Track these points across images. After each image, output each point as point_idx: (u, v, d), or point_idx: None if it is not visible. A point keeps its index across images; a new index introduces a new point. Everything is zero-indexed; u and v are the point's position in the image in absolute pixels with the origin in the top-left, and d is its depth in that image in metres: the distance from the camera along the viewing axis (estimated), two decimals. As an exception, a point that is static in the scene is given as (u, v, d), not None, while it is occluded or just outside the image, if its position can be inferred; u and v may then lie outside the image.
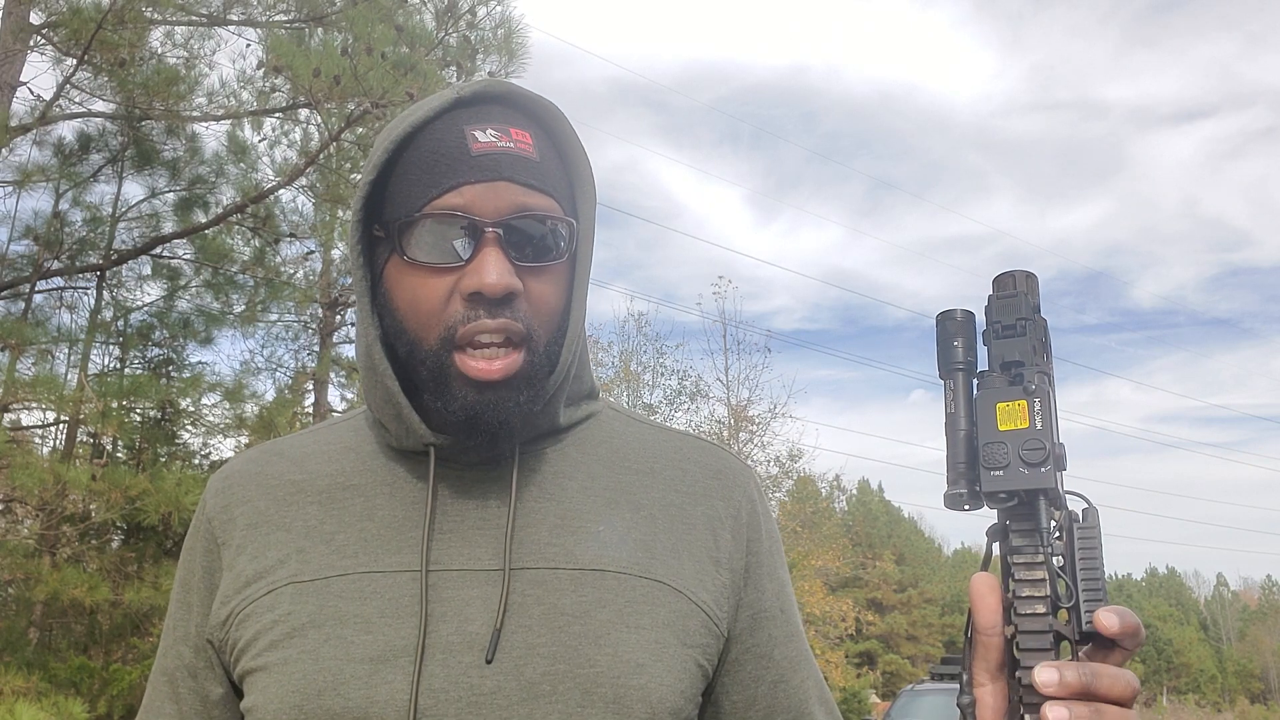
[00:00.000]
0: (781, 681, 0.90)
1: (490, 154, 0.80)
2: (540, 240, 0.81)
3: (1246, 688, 53.35)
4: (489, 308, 0.78)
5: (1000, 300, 0.71)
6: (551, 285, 0.83)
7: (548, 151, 0.84)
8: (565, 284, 0.85)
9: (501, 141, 0.81)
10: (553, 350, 0.84)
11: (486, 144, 0.80)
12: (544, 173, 0.82)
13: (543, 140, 0.84)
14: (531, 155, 0.82)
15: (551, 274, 0.83)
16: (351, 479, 0.88)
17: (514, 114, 0.84)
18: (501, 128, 0.82)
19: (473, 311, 0.79)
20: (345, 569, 0.81)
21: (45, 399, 6.05)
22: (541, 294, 0.82)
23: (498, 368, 0.78)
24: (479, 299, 0.78)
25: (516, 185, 0.80)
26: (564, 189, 0.85)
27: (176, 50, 7.09)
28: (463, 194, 0.79)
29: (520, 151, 0.81)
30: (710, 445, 0.95)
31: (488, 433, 0.80)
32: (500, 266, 0.78)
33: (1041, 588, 0.66)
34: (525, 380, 0.80)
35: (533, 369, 0.81)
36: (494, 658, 0.76)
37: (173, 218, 8.11)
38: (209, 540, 0.89)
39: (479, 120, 0.82)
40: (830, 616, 19.94)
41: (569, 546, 0.82)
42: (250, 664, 0.80)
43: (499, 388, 0.79)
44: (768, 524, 0.93)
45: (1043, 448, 0.66)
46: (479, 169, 0.80)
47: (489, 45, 6.61)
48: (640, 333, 18.95)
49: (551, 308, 0.83)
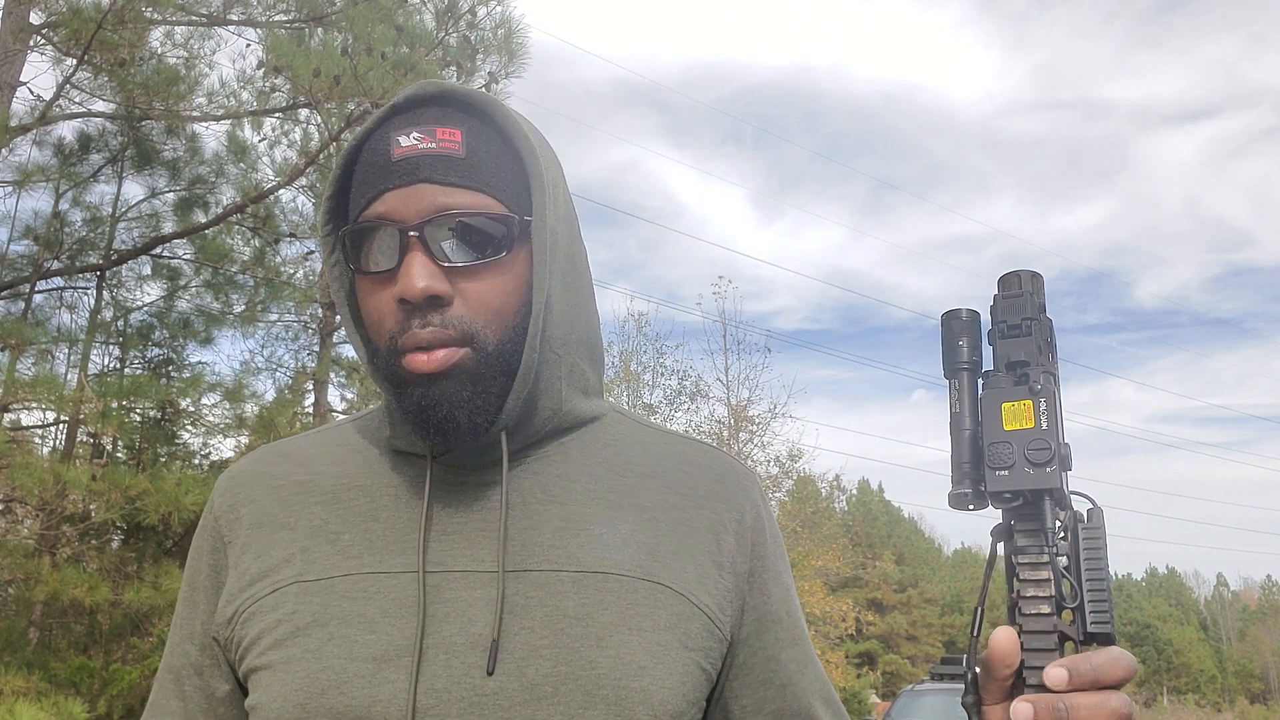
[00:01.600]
0: (789, 685, 0.90)
1: (409, 158, 0.80)
2: (469, 239, 0.80)
3: (1246, 688, 53.37)
4: (419, 314, 0.79)
5: (1005, 300, 0.71)
6: (494, 283, 0.81)
7: (487, 147, 0.82)
8: (515, 280, 0.83)
9: (423, 143, 0.80)
10: (509, 349, 0.82)
11: (407, 148, 0.80)
12: (472, 169, 0.81)
13: (482, 136, 0.82)
14: (457, 152, 0.80)
15: (490, 271, 0.81)
16: (357, 480, 0.88)
17: (448, 114, 0.82)
18: (428, 129, 0.81)
19: (407, 321, 0.79)
20: (349, 569, 0.81)
21: (45, 399, 6.05)
22: (481, 292, 0.80)
23: (437, 358, 0.78)
24: (407, 305, 0.79)
25: (437, 185, 0.79)
26: (507, 183, 0.83)
27: (176, 50, 7.10)
28: (385, 201, 0.80)
29: (444, 150, 0.80)
30: (714, 449, 0.95)
31: (437, 429, 0.80)
32: (421, 270, 0.77)
33: (1046, 588, 0.66)
34: (469, 376, 0.80)
35: (480, 366, 0.80)
36: (494, 661, 0.76)
37: (173, 218, 8.11)
38: (215, 539, 0.89)
39: (407, 125, 0.81)
40: (830, 616, 19.93)
41: (571, 549, 0.82)
42: (254, 662, 0.80)
43: (441, 382, 0.79)
44: (771, 528, 0.93)
45: (1048, 448, 0.66)
46: (398, 174, 0.80)
47: (489, 45, 6.61)
48: (640, 333, 18.96)
49: (494, 306, 0.81)
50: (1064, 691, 0.62)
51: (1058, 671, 0.62)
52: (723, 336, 19.72)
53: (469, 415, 0.80)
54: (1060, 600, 0.66)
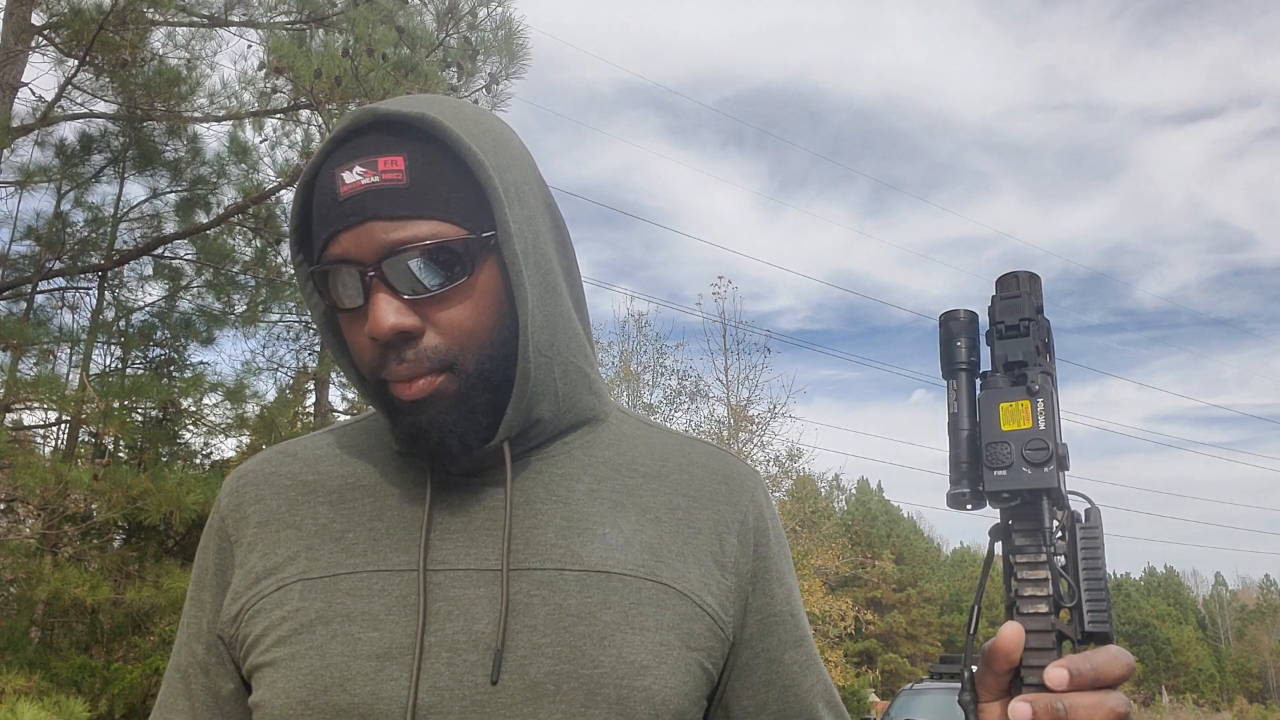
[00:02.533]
0: (792, 686, 0.90)
1: (354, 195, 0.78)
2: (429, 269, 0.79)
3: (1245, 687, 53.28)
4: (393, 350, 0.79)
5: (1003, 301, 0.72)
6: (461, 308, 0.80)
7: (433, 169, 0.80)
8: (487, 297, 0.81)
9: (366, 178, 0.78)
10: (489, 366, 0.82)
11: (351, 185, 0.78)
12: (418, 197, 0.78)
13: (427, 157, 0.80)
14: (400, 183, 0.78)
15: (458, 295, 0.80)
16: (362, 480, 0.88)
17: (387, 140, 0.79)
18: (369, 161, 0.78)
19: (383, 357, 0.80)
20: (353, 567, 0.82)
21: (47, 399, 6.05)
22: (450, 319, 0.80)
23: (418, 387, 0.79)
24: (379, 343, 0.79)
25: (385, 221, 0.77)
26: (460, 203, 0.80)
27: (178, 51, 7.09)
28: (340, 242, 0.79)
29: (387, 183, 0.78)
30: (718, 449, 0.95)
31: (431, 452, 0.82)
32: (386, 308, 0.77)
33: (1044, 587, 0.66)
34: (453, 400, 0.80)
35: (463, 389, 0.80)
36: (500, 664, 0.77)
37: (174, 218, 8.11)
38: (222, 538, 0.90)
39: (349, 158, 0.79)
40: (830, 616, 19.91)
41: (575, 548, 0.82)
42: (259, 659, 0.81)
43: (426, 409, 0.80)
44: (775, 529, 0.93)
45: (1046, 448, 0.67)
46: (345, 214, 0.78)
47: (489, 46, 6.61)
48: (640, 333, 18.95)
49: (468, 329, 0.80)
50: (1063, 691, 0.63)
51: (1058, 672, 0.63)
52: (722, 336, 19.74)
53: (459, 438, 0.81)
54: (1058, 599, 0.66)
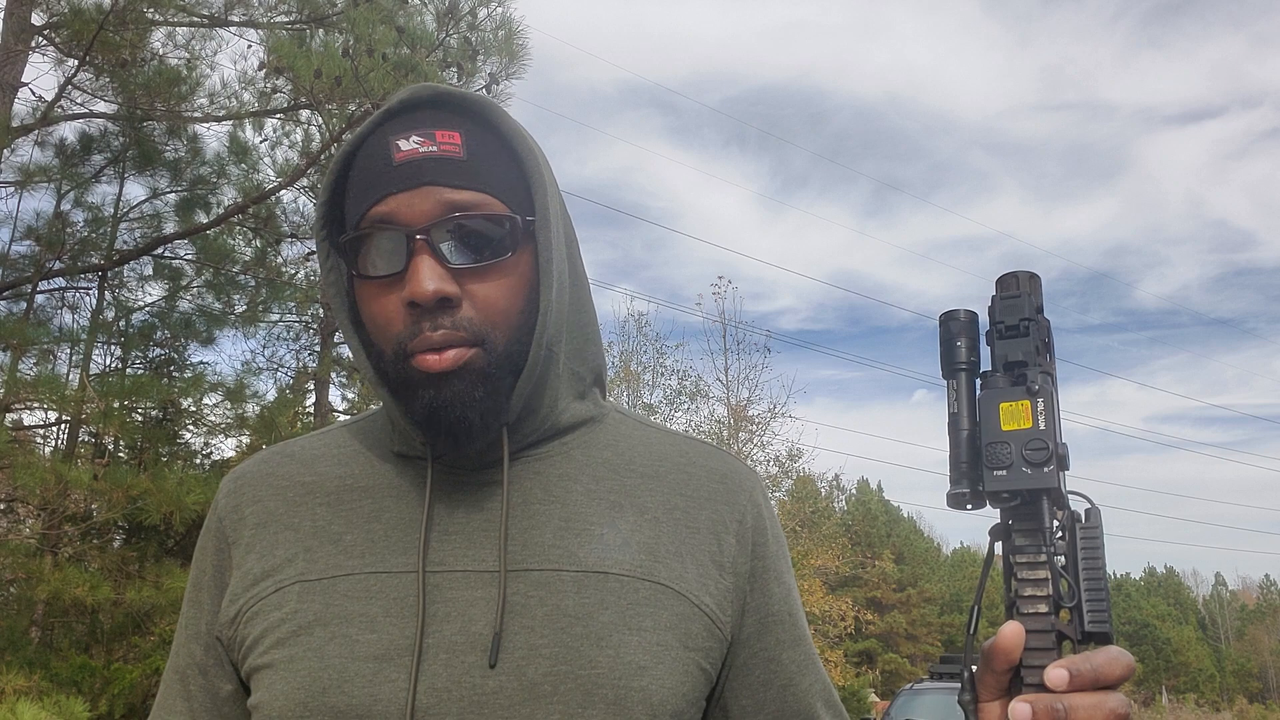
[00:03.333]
0: (790, 685, 0.90)
1: (412, 161, 0.80)
2: (476, 240, 0.80)
3: (1245, 687, 53.27)
4: (429, 317, 0.79)
5: (1003, 301, 0.72)
6: (499, 284, 0.81)
7: (486, 148, 0.82)
8: (520, 279, 0.83)
9: (424, 146, 0.80)
10: (516, 349, 0.82)
11: (409, 151, 0.80)
12: (475, 171, 0.81)
13: (480, 138, 0.82)
14: (458, 155, 0.80)
15: (499, 271, 0.81)
16: (360, 481, 0.88)
17: (445, 116, 0.82)
18: (427, 133, 0.81)
19: (416, 325, 0.79)
20: (351, 569, 0.82)
21: (47, 399, 6.05)
22: (488, 294, 0.80)
23: (448, 358, 0.78)
24: (416, 308, 0.79)
25: (442, 188, 0.79)
26: (508, 184, 0.83)
27: (178, 51, 7.10)
28: (388, 204, 0.79)
29: (445, 154, 0.80)
30: (716, 449, 0.95)
31: (449, 430, 0.80)
32: (431, 273, 0.77)
33: (1044, 587, 0.66)
34: (480, 376, 0.80)
35: (490, 366, 0.80)
36: (497, 662, 0.77)
37: (174, 218, 8.12)
38: (220, 539, 0.89)
39: (405, 129, 0.81)
40: (830, 616, 19.91)
41: (572, 548, 0.82)
42: (257, 661, 0.81)
43: (453, 382, 0.79)
44: (773, 528, 0.93)
45: (1046, 448, 0.67)
46: (402, 177, 0.79)
47: (489, 46, 6.60)
48: (640, 333, 18.95)
49: (501, 307, 0.81)
50: (1064, 692, 0.63)
51: (1058, 672, 0.63)
52: (723, 336, 19.74)
53: (481, 415, 0.80)
54: (1058, 599, 0.66)
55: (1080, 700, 0.62)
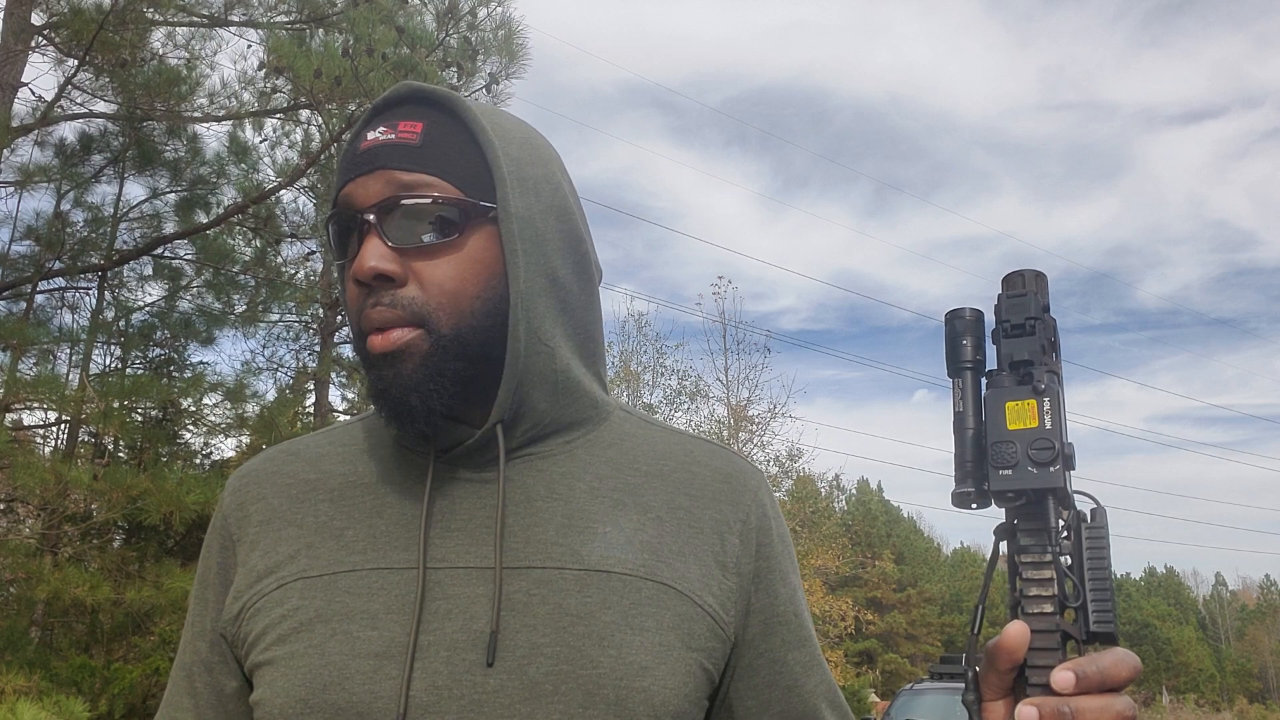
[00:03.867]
0: (795, 686, 0.89)
1: (371, 149, 0.83)
2: (421, 221, 0.82)
3: (1245, 687, 53.30)
4: (374, 295, 0.81)
5: (1010, 299, 0.71)
6: (448, 266, 0.82)
7: (447, 138, 0.84)
8: (472, 265, 0.83)
9: (384, 135, 0.84)
10: (465, 334, 0.82)
11: (371, 140, 0.84)
12: (427, 156, 0.83)
13: (446, 128, 0.85)
14: (412, 141, 0.83)
15: (445, 253, 0.82)
16: (363, 477, 0.88)
17: (414, 110, 0.86)
18: (392, 124, 0.84)
19: (363, 302, 0.82)
20: (353, 565, 0.82)
21: (47, 399, 6.05)
22: (432, 275, 0.81)
23: (390, 339, 0.80)
24: (364, 287, 0.81)
25: (393, 171, 0.82)
26: (467, 172, 0.84)
27: (178, 51, 7.10)
28: (348, 189, 0.83)
29: (401, 140, 0.83)
30: (720, 449, 0.95)
31: (391, 411, 0.81)
32: (372, 251, 0.80)
33: (1049, 587, 0.66)
34: (423, 359, 0.80)
35: (434, 348, 0.81)
36: (495, 661, 0.76)
37: (174, 218, 8.12)
38: (225, 537, 0.90)
39: (378, 123, 0.85)
40: (830, 616, 19.93)
41: (575, 547, 0.82)
42: (259, 658, 0.81)
43: (395, 363, 0.80)
44: (779, 528, 0.93)
45: (1052, 447, 0.66)
46: (360, 164, 0.83)
47: (489, 46, 6.61)
48: (640, 333, 18.95)
49: (449, 289, 0.82)
50: (1070, 695, 0.62)
51: (1065, 675, 0.62)
52: (723, 336, 19.74)
53: (422, 399, 0.80)
54: (1063, 599, 0.66)
55: (1087, 703, 0.62)
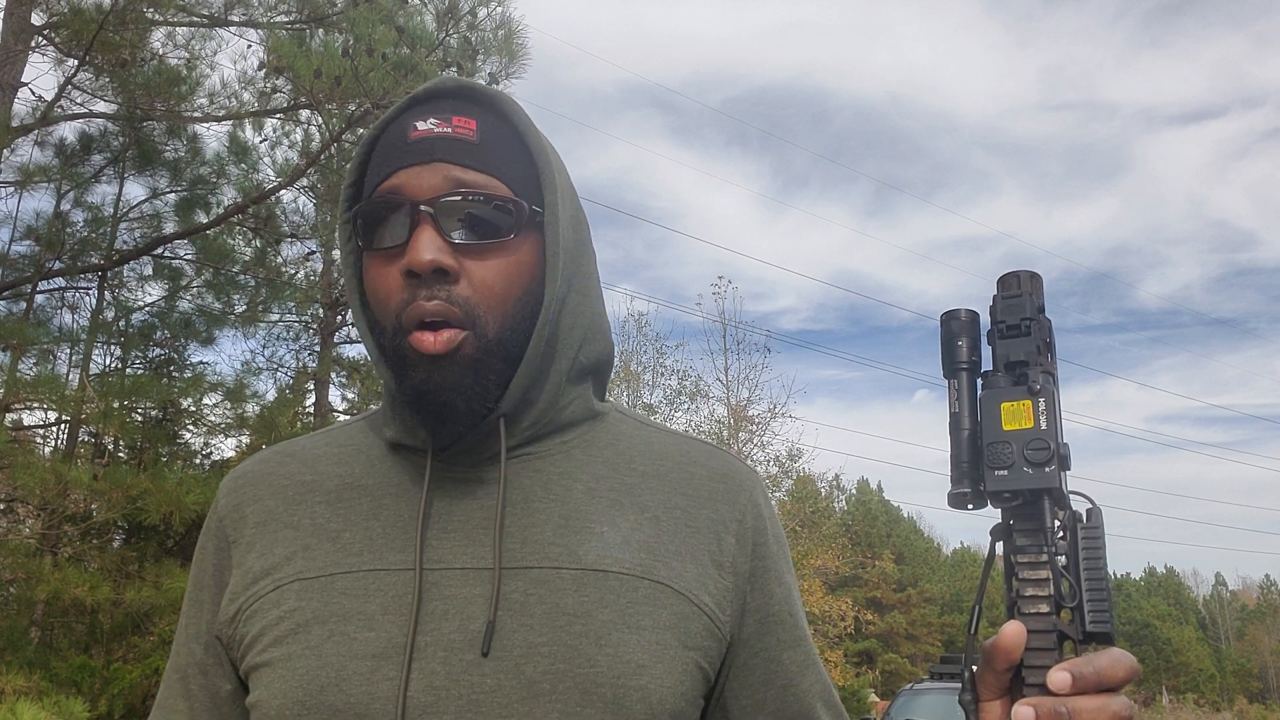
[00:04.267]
0: (790, 686, 0.89)
1: (426, 139, 0.82)
2: (479, 218, 0.81)
3: (1245, 687, 53.28)
4: (425, 287, 0.79)
5: (1005, 300, 0.72)
6: (497, 266, 0.82)
7: (499, 137, 0.85)
8: (520, 267, 0.84)
9: (439, 128, 0.82)
10: (509, 336, 0.82)
11: (424, 130, 0.83)
12: (485, 154, 0.83)
13: (493, 127, 0.85)
14: (470, 138, 0.82)
15: (498, 254, 0.82)
16: (360, 479, 0.88)
17: (464, 105, 0.85)
18: (444, 116, 0.83)
19: (412, 294, 0.80)
20: (350, 566, 0.82)
21: (47, 399, 6.05)
22: (484, 274, 0.81)
23: (442, 339, 0.79)
24: (415, 277, 0.80)
25: (451, 165, 0.81)
26: (517, 174, 0.84)
27: (178, 51, 7.09)
28: (399, 177, 0.82)
29: (458, 135, 0.82)
30: (716, 449, 0.95)
31: (434, 413, 0.80)
32: (429, 243, 0.79)
33: (1045, 587, 0.66)
34: (470, 362, 0.80)
35: (480, 352, 0.80)
36: (491, 652, 0.76)
37: (174, 218, 8.12)
38: (220, 539, 0.90)
39: (424, 113, 0.84)
40: (830, 616, 19.91)
41: (572, 546, 0.82)
42: (256, 659, 0.81)
43: (443, 365, 0.79)
44: (774, 528, 0.93)
45: (1047, 448, 0.67)
46: (414, 153, 0.82)
47: (489, 46, 6.61)
48: (640, 333, 18.95)
49: (497, 290, 0.82)
50: (1067, 695, 0.62)
51: (1061, 675, 0.62)
52: (722, 337, 19.74)
53: (467, 402, 0.81)
54: (1059, 599, 0.66)
55: (1084, 704, 0.62)
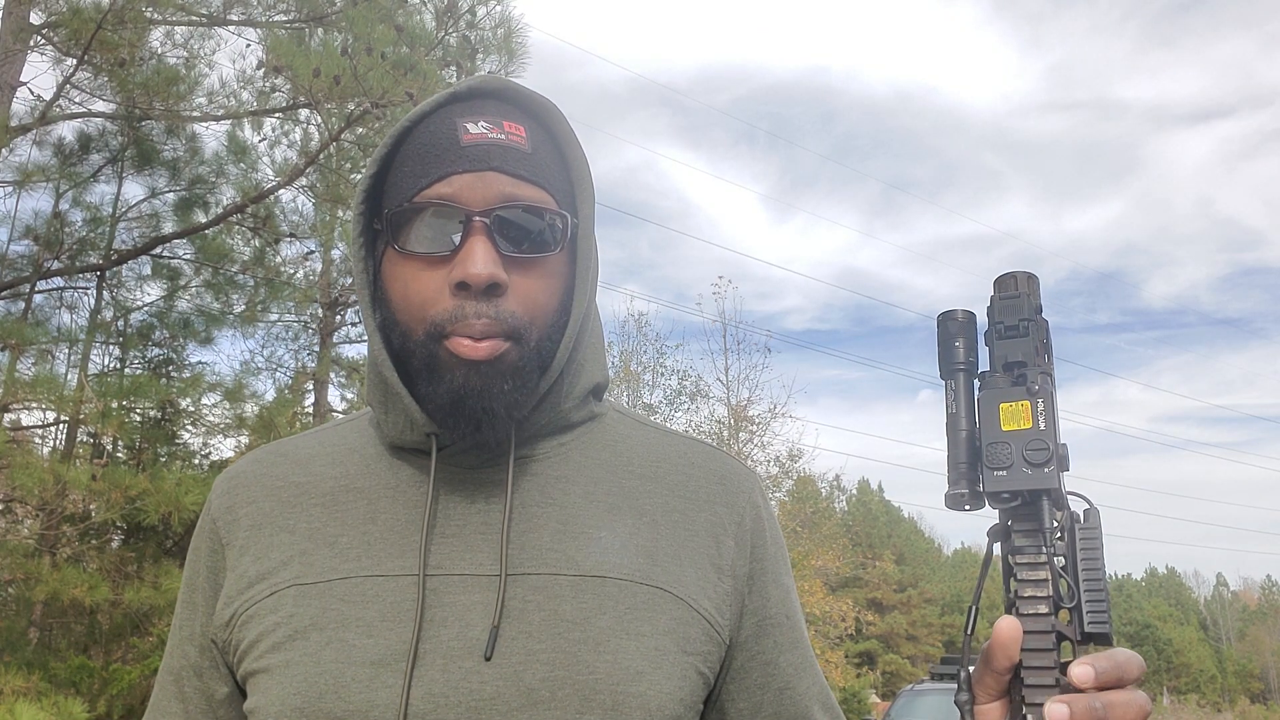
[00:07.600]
0: (787, 688, 0.89)
1: (480, 144, 0.80)
2: (530, 232, 0.80)
3: (1246, 687, 53.33)
4: (475, 300, 0.78)
5: (1002, 301, 0.72)
6: (542, 280, 0.82)
7: (544, 146, 0.84)
8: (559, 279, 0.84)
9: (492, 133, 0.81)
10: (546, 347, 0.82)
11: (477, 135, 0.81)
12: (537, 165, 0.82)
13: (539, 135, 0.84)
14: (523, 147, 0.82)
15: (543, 268, 0.82)
16: (355, 481, 0.87)
17: (509, 109, 0.84)
18: (494, 120, 0.82)
19: (459, 307, 0.78)
20: (347, 572, 0.81)
21: (45, 399, 6.05)
22: (530, 288, 0.81)
23: (483, 348, 0.78)
24: (465, 290, 0.78)
25: (506, 176, 0.80)
26: (560, 184, 0.84)
27: (176, 50, 7.09)
28: (451, 184, 0.80)
29: (512, 143, 0.81)
30: (715, 450, 0.94)
31: (472, 417, 0.79)
32: (486, 256, 0.78)
33: (1044, 588, 0.66)
34: (513, 370, 0.80)
35: (522, 361, 0.80)
36: (492, 656, 0.76)
37: (173, 218, 8.11)
38: (213, 541, 0.89)
39: (472, 114, 0.82)
40: (830, 616, 19.91)
41: (570, 552, 0.82)
42: (253, 665, 0.80)
43: (485, 372, 0.79)
44: (772, 530, 0.92)
45: (1046, 448, 0.67)
46: (468, 159, 0.80)
47: (489, 45, 6.61)
48: (640, 333, 18.95)
49: (542, 303, 0.82)
50: (1090, 689, 0.62)
51: (1083, 670, 0.62)
52: (723, 337, 19.74)
53: (505, 408, 0.80)
54: (1057, 600, 0.66)
55: (1116, 698, 0.62)
